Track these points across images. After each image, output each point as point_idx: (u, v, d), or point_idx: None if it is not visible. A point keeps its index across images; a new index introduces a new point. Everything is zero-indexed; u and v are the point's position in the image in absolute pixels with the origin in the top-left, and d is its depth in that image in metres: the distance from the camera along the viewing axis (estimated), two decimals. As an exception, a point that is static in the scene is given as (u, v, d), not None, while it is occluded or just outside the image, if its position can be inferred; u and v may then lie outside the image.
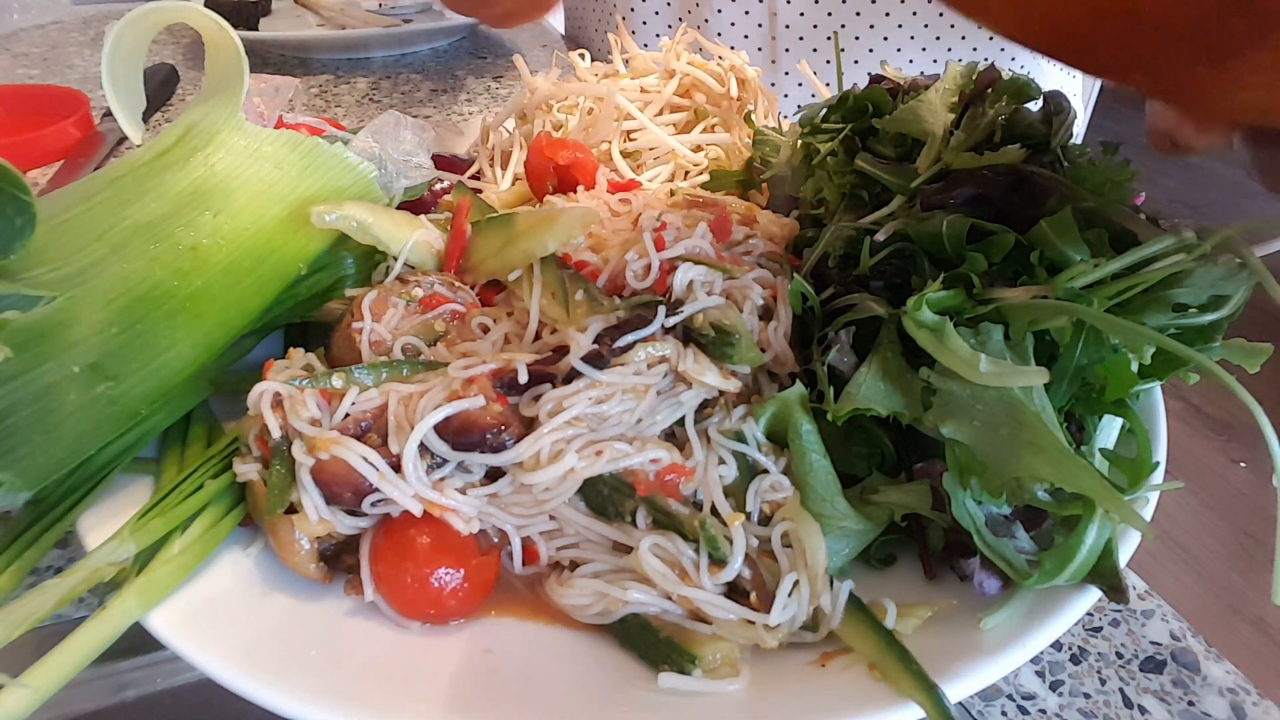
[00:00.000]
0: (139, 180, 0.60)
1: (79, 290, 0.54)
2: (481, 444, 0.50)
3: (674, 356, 0.55)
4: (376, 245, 0.63)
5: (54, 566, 0.61)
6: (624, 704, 0.46)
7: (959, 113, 0.64)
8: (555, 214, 0.58)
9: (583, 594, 0.50)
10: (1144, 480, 0.48)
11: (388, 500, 0.50)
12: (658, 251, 0.59)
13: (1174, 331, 0.52)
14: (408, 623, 0.50)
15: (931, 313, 0.51)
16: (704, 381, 0.54)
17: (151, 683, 0.64)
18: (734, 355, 0.55)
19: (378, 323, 0.59)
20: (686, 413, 0.55)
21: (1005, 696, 0.54)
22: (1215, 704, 0.54)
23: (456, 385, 0.51)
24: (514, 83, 1.57)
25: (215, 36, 0.68)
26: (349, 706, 0.44)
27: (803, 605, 0.48)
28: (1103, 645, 0.57)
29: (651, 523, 0.51)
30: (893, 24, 1.30)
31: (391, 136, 0.74)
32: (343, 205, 0.62)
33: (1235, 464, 2.83)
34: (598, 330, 0.54)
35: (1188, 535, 2.56)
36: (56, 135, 1.19)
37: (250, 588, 0.52)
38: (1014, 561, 0.47)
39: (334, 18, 1.73)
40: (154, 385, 0.56)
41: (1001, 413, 0.47)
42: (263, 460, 0.53)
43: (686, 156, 0.91)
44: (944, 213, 0.56)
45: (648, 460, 0.51)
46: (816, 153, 0.71)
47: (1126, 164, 0.60)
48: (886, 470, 0.55)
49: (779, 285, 0.62)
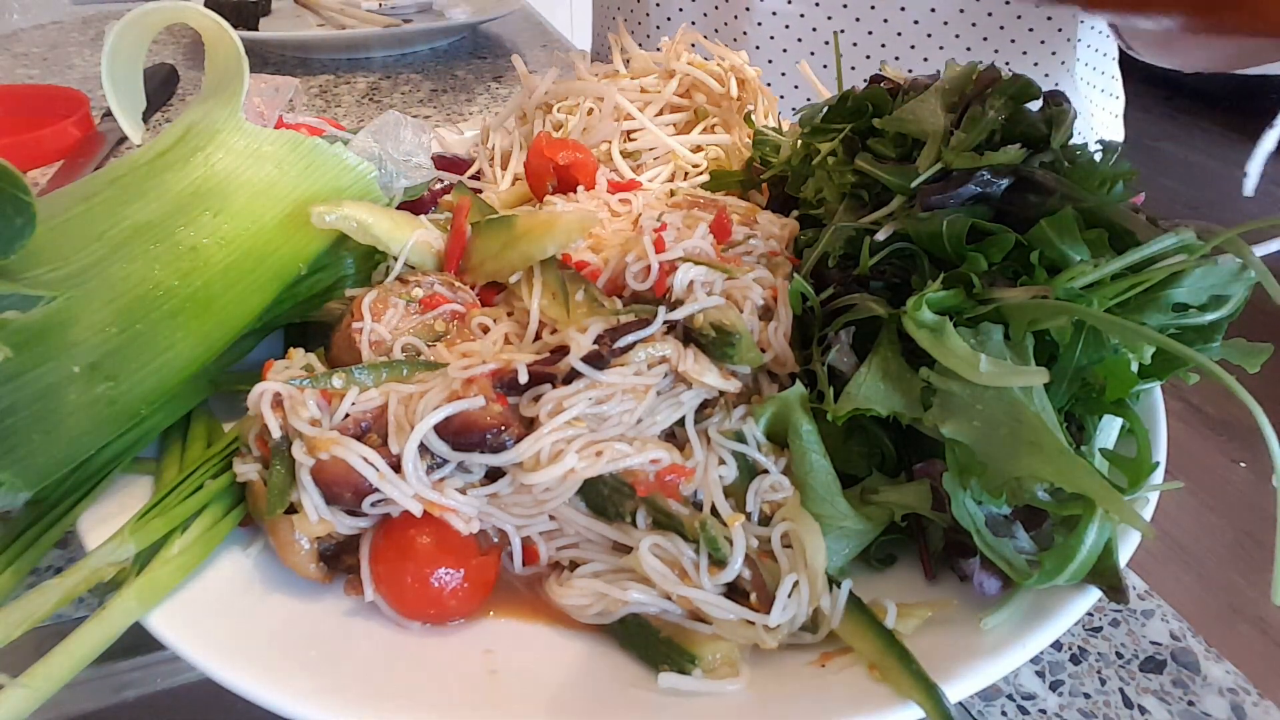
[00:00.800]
0: (139, 180, 0.60)
1: (79, 290, 0.54)
2: (482, 444, 0.50)
3: (674, 357, 0.55)
4: (376, 245, 0.63)
5: (54, 566, 0.61)
6: (624, 704, 0.46)
7: (959, 113, 0.64)
8: (554, 218, 0.58)
9: (582, 594, 0.50)
10: (1144, 480, 0.48)
11: (388, 500, 0.50)
12: (658, 253, 0.59)
13: (1174, 331, 0.52)
14: (408, 623, 0.50)
15: (931, 313, 0.51)
16: (704, 382, 0.54)
17: (151, 683, 0.64)
18: (734, 355, 0.55)
19: (378, 323, 0.59)
20: (686, 413, 0.55)
21: (1005, 696, 0.54)
22: (1215, 704, 0.54)
23: (456, 385, 0.51)
24: (514, 83, 1.57)
25: (215, 36, 0.68)
26: (349, 706, 0.44)
27: (802, 606, 0.48)
28: (1103, 645, 0.57)
29: (651, 523, 0.51)
30: (892, 30, 1.30)
31: (391, 136, 0.74)
32: (343, 205, 0.62)
33: (1235, 464, 2.83)
34: (598, 331, 0.54)
35: (1188, 535, 2.56)
36: (56, 135, 1.19)
37: (250, 588, 0.52)
38: (1014, 561, 0.47)
39: (334, 18, 1.73)
40: (154, 385, 0.56)
41: (1001, 413, 0.46)
42: (263, 460, 0.53)
43: (686, 157, 0.91)
44: (944, 212, 0.56)
45: (648, 460, 0.51)
46: (816, 153, 0.71)
47: (1126, 164, 0.60)
48: (886, 470, 0.55)
49: (779, 285, 0.62)
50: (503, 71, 1.64)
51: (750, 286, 0.60)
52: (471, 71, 1.63)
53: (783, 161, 0.77)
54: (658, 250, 0.59)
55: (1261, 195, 0.76)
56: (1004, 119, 0.62)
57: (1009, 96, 0.63)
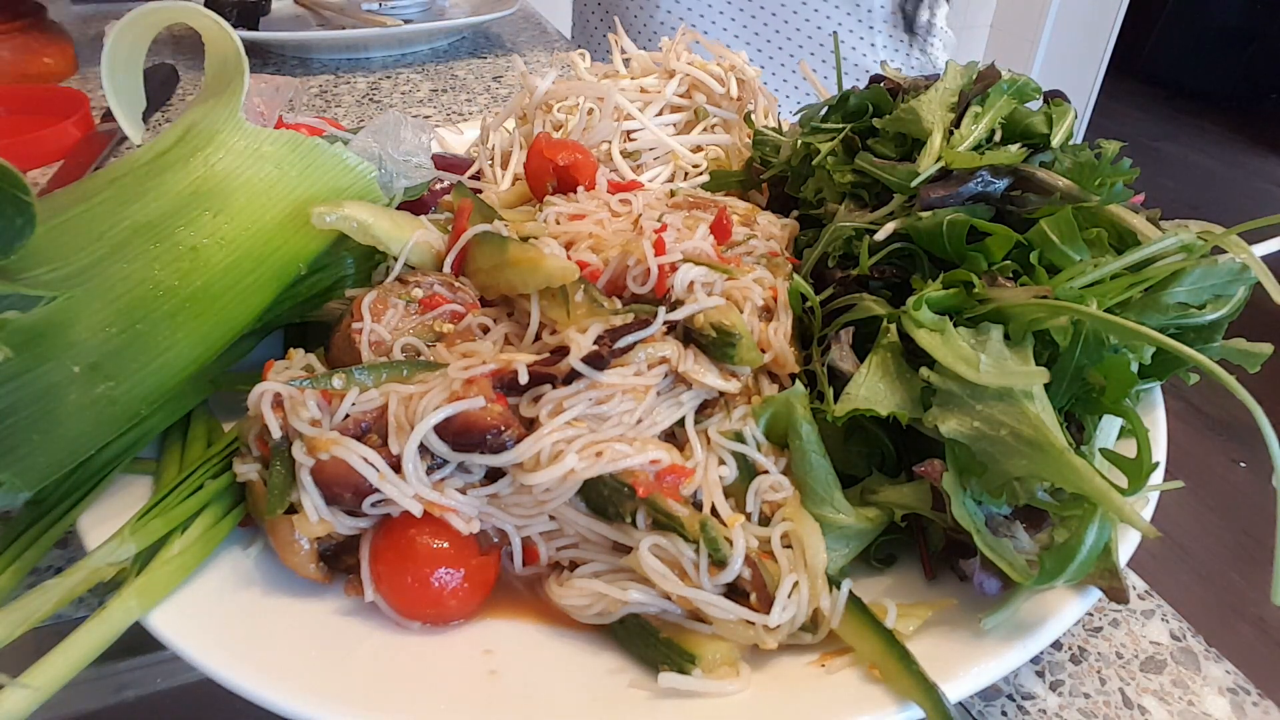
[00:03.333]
0: (139, 180, 0.60)
1: (79, 290, 0.54)
2: (482, 445, 0.50)
3: (674, 357, 0.55)
4: (377, 245, 0.63)
5: (54, 566, 0.60)
6: (624, 704, 0.46)
7: (959, 112, 0.64)
8: (540, 259, 0.58)
9: (582, 594, 0.50)
10: (1144, 480, 0.48)
11: (388, 501, 0.50)
12: (658, 255, 0.59)
13: (1174, 331, 0.52)
14: (408, 623, 0.50)
15: (932, 312, 0.51)
16: (705, 382, 0.54)
17: (151, 683, 0.64)
18: (735, 356, 0.55)
19: (378, 323, 0.59)
20: (686, 413, 0.55)
21: (1005, 696, 0.54)
22: (1215, 704, 0.54)
23: (457, 386, 0.51)
24: (514, 83, 1.57)
25: (215, 36, 0.68)
26: (349, 706, 0.44)
27: (802, 606, 0.48)
28: (1103, 645, 0.57)
29: (651, 524, 0.51)
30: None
31: (391, 136, 0.74)
32: (343, 206, 0.62)
33: (1235, 464, 2.83)
34: (598, 331, 0.54)
35: (1188, 535, 2.56)
36: (56, 135, 1.19)
37: (250, 588, 0.52)
38: (1014, 561, 0.47)
39: (334, 18, 1.73)
40: (154, 385, 0.56)
41: (1001, 413, 0.46)
42: (262, 460, 0.53)
43: (686, 157, 0.91)
44: (944, 212, 0.56)
45: (647, 461, 0.51)
46: (816, 153, 0.71)
47: (1127, 164, 0.60)
48: (886, 470, 0.55)
49: (779, 286, 0.62)
50: (503, 71, 1.64)
51: (750, 287, 0.60)
52: (471, 71, 1.63)
53: (783, 161, 0.77)
54: (658, 253, 0.59)
55: (1261, 195, 0.75)
56: (1004, 118, 0.62)
57: (1009, 95, 0.63)
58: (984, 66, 0.68)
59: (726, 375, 0.56)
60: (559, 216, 0.71)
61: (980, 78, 0.66)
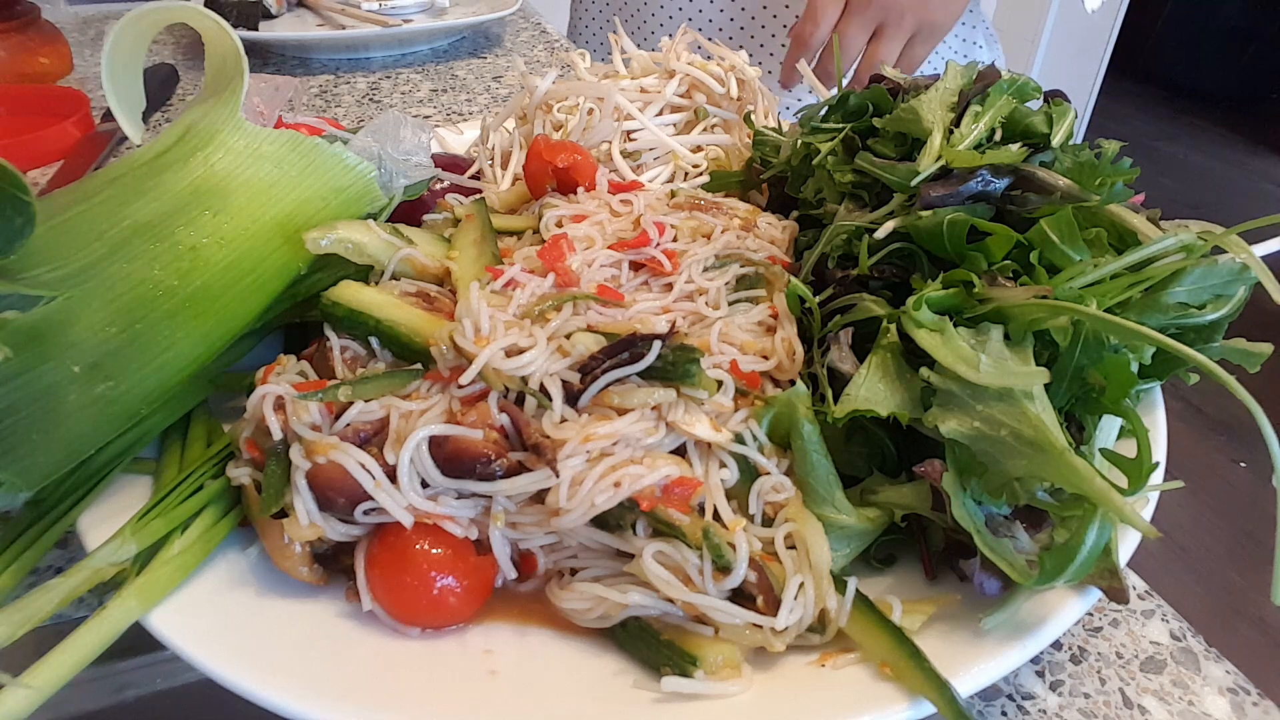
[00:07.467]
0: (139, 180, 0.60)
1: (79, 290, 0.54)
2: (472, 473, 0.50)
3: (665, 406, 0.53)
4: (373, 264, 0.64)
5: (54, 566, 0.60)
6: (625, 705, 0.46)
7: (959, 112, 0.64)
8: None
9: (583, 598, 0.50)
10: (1144, 480, 0.48)
11: (380, 510, 0.50)
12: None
13: (1174, 331, 0.52)
14: (407, 630, 0.50)
15: (931, 312, 0.51)
16: (694, 434, 0.53)
17: (151, 683, 0.64)
18: (696, 377, 0.52)
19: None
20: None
21: (1005, 696, 0.54)
22: (1215, 704, 0.54)
23: (455, 405, 0.51)
24: (514, 83, 1.57)
25: (215, 36, 0.68)
26: (349, 706, 0.44)
27: (809, 607, 0.48)
28: (1103, 645, 0.57)
29: (652, 532, 0.50)
30: None
31: (391, 136, 0.74)
32: (335, 228, 0.62)
33: (1235, 464, 2.83)
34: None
35: (1188, 535, 2.56)
36: (56, 135, 1.19)
37: (249, 588, 0.51)
38: (1014, 561, 0.47)
39: (334, 18, 1.73)
40: (154, 385, 0.56)
41: (1001, 413, 0.46)
42: (253, 464, 0.52)
43: (686, 157, 0.91)
44: (944, 211, 0.56)
45: (660, 478, 0.50)
46: (816, 153, 0.71)
47: (1127, 164, 0.60)
48: (887, 470, 0.55)
49: (776, 302, 0.62)
50: (503, 71, 1.64)
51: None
52: (471, 71, 1.63)
53: (783, 161, 0.77)
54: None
55: (1261, 195, 0.74)
56: (1004, 118, 0.62)
57: (1009, 95, 0.63)
58: (984, 66, 0.68)
59: (716, 427, 0.54)
60: (560, 219, 0.71)
61: (980, 78, 0.66)
